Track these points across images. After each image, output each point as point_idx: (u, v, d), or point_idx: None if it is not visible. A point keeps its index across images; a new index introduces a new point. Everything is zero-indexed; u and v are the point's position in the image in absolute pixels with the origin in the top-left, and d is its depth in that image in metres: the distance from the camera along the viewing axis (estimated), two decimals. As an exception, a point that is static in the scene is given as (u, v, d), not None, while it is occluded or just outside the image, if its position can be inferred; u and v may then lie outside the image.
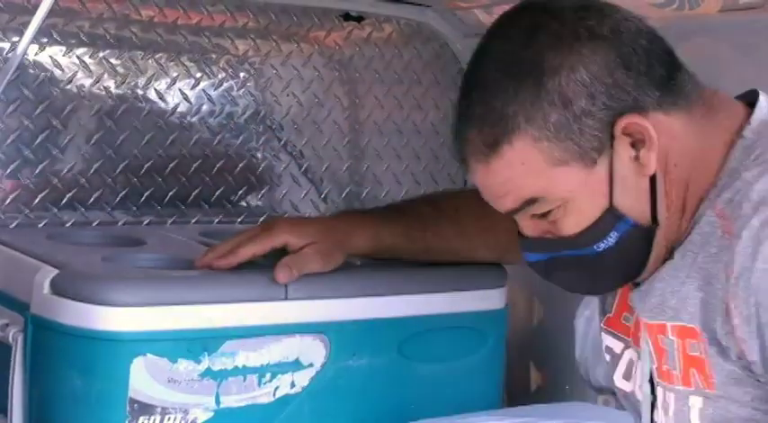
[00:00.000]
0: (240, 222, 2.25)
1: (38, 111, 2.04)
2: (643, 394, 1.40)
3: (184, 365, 1.60)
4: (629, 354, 1.45)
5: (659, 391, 1.37)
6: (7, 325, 1.72)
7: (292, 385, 1.68)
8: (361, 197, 2.43)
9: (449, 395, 1.86)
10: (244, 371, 1.64)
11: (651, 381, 1.39)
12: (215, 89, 2.25)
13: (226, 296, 1.64)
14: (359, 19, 2.40)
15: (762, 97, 1.35)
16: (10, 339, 1.69)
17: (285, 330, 1.68)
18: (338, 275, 1.80)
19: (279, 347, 1.67)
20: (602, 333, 1.50)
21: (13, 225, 2.01)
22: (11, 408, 1.67)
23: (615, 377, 1.49)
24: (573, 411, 1.95)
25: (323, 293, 1.72)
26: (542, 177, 1.29)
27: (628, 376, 1.46)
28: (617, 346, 1.48)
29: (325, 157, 2.38)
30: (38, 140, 2.04)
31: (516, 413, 1.89)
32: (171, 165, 2.19)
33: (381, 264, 1.92)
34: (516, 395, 2.19)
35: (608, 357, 1.49)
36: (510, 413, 1.90)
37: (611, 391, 2.23)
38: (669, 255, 1.34)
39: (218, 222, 2.23)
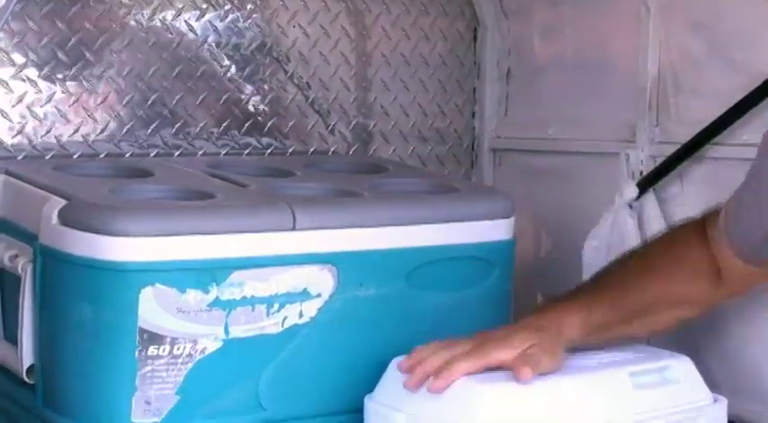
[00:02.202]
0: (247, 154, 2.25)
1: (43, 42, 2.02)
2: None
3: (193, 296, 1.60)
4: None
5: None
6: (16, 256, 1.73)
7: (300, 315, 1.69)
8: (368, 129, 2.42)
9: (456, 325, 1.86)
10: (252, 301, 1.64)
11: None
12: (221, 20, 2.23)
13: (234, 226, 1.64)
14: (366, -51, 2.38)
15: None
16: (19, 270, 1.70)
17: (293, 261, 1.68)
18: (346, 205, 1.80)
19: (287, 277, 1.67)
20: None
21: (21, 157, 2.01)
22: (21, 338, 1.68)
23: None
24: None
25: (331, 223, 1.71)
26: None
27: None
28: None
29: (333, 89, 2.37)
30: (43, 71, 2.03)
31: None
32: (177, 97, 2.18)
33: (388, 193, 1.92)
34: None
35: None
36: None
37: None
38: None
39: (225, 155, 2.23)
